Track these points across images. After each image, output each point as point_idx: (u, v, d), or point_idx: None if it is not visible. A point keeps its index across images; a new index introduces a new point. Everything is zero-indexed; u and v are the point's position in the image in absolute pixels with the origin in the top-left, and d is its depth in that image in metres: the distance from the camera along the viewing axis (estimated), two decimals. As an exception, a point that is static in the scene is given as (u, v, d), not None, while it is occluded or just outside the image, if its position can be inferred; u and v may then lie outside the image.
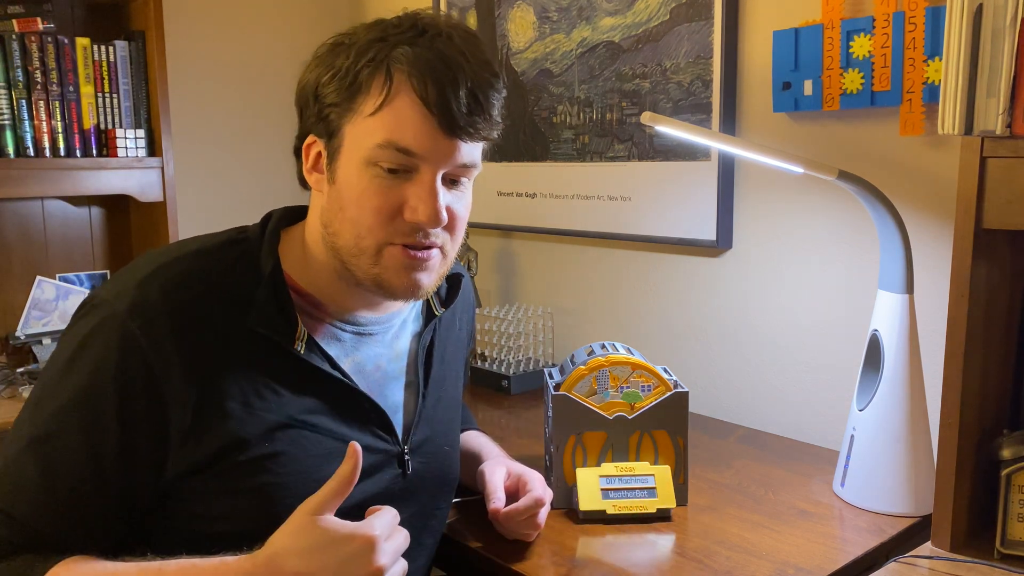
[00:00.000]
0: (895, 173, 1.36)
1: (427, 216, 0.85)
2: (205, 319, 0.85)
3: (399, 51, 0.83)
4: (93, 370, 0.82)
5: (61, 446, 0.81)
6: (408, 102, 0.83)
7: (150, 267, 0.86)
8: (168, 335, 0.82)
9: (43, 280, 2.03)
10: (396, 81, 0.83)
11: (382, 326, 0.99)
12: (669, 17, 1.64)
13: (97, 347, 0.82)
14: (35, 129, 1.87)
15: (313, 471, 0.89)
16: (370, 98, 0.84)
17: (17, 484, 0.81)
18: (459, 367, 1.14)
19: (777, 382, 1.57)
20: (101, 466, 0.81)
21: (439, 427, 1.05)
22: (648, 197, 1.73)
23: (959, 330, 1.00)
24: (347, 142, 0.86)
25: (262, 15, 2.37)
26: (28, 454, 0.81)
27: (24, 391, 1.72)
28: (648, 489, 1.16)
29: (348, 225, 0.87)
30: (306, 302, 0.93)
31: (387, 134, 0.83)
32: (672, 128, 1.15)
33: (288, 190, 1.00)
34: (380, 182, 0.85)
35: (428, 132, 0.83)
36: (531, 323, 1.91)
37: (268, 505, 0.86)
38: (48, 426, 0.81)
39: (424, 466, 1.00)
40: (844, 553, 1.06)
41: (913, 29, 1.27)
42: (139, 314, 0.82)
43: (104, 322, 0.83)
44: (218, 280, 0.87)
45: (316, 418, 0.90)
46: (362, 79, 0.84)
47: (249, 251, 0.91)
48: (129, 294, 0.84)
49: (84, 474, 0.81)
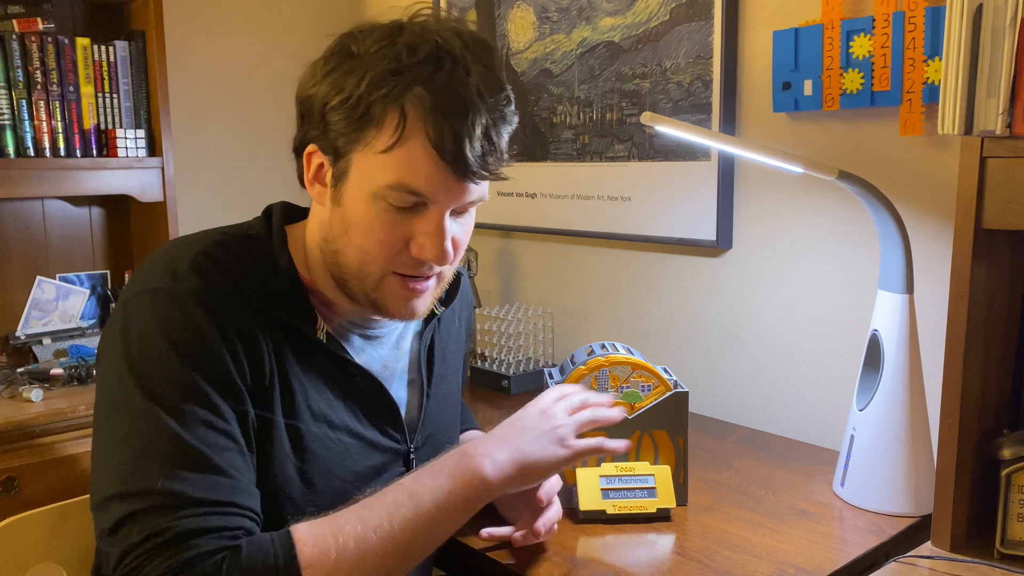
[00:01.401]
0: (895, 173, 1.36)
1: (434, 255, 0.86)
2: (240, 306, 0.84)
3: (415, 92, 0.80)
4: (187, 332, 0.80)
5: (204, 416, 0.78)
6: (421, 147, 0.81)
7: (188, 253, 0.85)
8: (241, 303, 0.83)
9: (43, 280, 2.03)
10: (410, 123, 0.81)
11: (387, 329, 1.00)
12: (669, 17, 1.64)
13: (174, 317, 0.80)
14: (35, 129, 1.87)
15: (335, 469, 0.90)
16: (382, 135, 0.82)
17: (192, 466, 0.77)
18: (459, 364, 1.15)
19: (777, 382, 1.57)
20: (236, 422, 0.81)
21: (442, 424, 1.06)
22: (648, 197, 1.73)
23: (959, 330, 1.00)
24: (355, 171, 0.84)
25: (262, 15, 2.37)
26: (177, 436, 0.77)
27: (24, 391, 1.72)
28: (648, 489, 1.16)
29: (353, 250, 0.87)
30: (318, 300, 0.93)
31: (398, 176, 0.82)
32: (672, 128, 1.15)
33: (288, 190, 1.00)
34: (388, 216, 0.84)
35: (440, 178, 0.83)
36: (531, 323, 1.91)
37: (293, 505, 0.87)
38: (181, 403, 0.78)
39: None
40: (844, 553, 1.06)
41: (913, 29, 1.27)
42: (208, 286, 0.82)
43: (172, 298, 0.81)
44: (241, 271, 0.86)
45: (333, 414, 0.91)
46: (375, 112, 0.81)
47: (262, 245, 0.90)
48: (189, 275, 0.82)
49: (232, 434, 0.80)
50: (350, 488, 0.91)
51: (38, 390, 1.73)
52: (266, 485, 0.84)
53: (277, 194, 1.07)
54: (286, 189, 1.00)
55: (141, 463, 0.75)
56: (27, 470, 1.63)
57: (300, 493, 0.87)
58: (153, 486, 0.74)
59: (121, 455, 0.77)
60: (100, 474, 0.78)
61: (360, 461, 0.93)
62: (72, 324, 2.04)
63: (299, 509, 0.86)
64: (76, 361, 1.90)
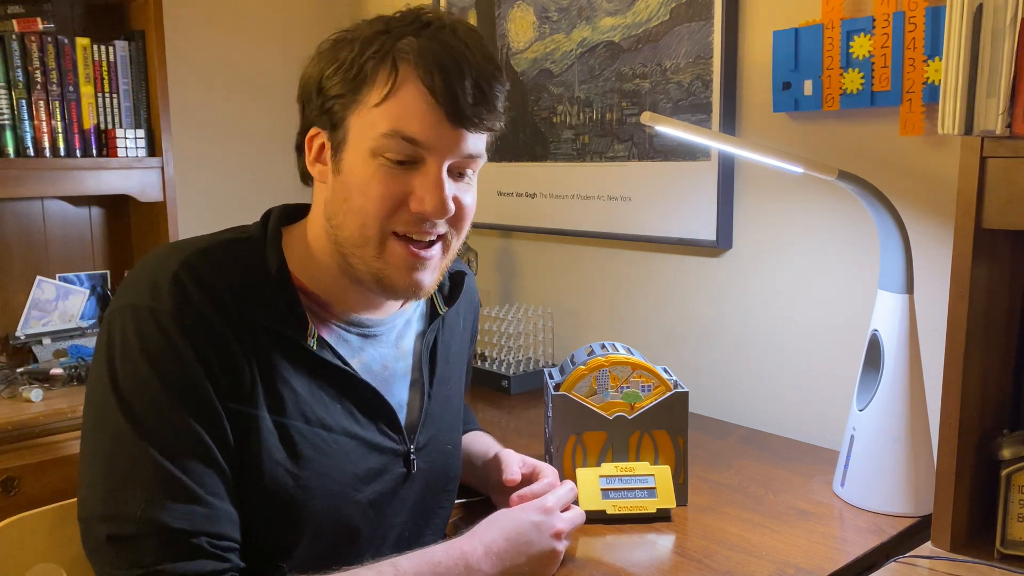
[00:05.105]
0: (895, 173, 1.36)
1: (433, 206, 0.85)
2: (218, 320, 0.83)
3: (404, 42, 0.84)
4: (165, 353, 0.80)
5: (185, 442, 0.79)
6: (414, 91, 0.83)
7: (170, 265, 0.84)
8: (215, 319, 0.83)
9: (43, 280, 2.03)
10: (401, 71, 0.83)
11: (386, 327, 0.99)
12: (669, 17, 1.64)
13: (154, 336, 0.81)
14: (35, 129, 1.87)
15: (331, 472, 0.89)
16: (375, 89, 0.84)
17: (172, 496, 0.78)
18: (463, 366, 1.14)
19: (777, 382, 1.57)
20: (216, 446, 0.81)
21: (444, 426, 1.05)
22: (648, 197, 1.73)
23: (959, 330, 1.00)
24: (352, 133, 0.86)
25: (262, 15, 2.37)
26: (158, 463, 0.78)
27: (24, 391, 1.72)
28: (648, 489, 1.16)
29: (353, 215, 0.87)
30: (312, 301, 0.92)
31: (393, 123, 0.83)
32: (672, 128, 1.15)
33: (288, 189, 1.00)
34: (386, 171, 0.85)
35: (434, 122, 0.83)
36: (531, 323, 1.91)
37: (290, 510, 0.86)
38: (163, 430, 0.79)
39: (428, 465, 1.01)
40: (844, 553, 1.06)
41: (913, 29, 1.27)
42: (185, 304, 0.82)
43: (154, 318, 0.81)
44: (229, 278, 0.86)
45: (329, 417, 0.90)
46: (367, 70, 0.84)
47: (254, 249, 0.90)
48: (168, 292, 0.82)
49: (214, 459, 0.81)
50: (349, 490, 0.91)
51: (38, 390, 1.73)
52: (259, 492, 0.84)
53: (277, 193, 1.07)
54: (286, 189, 1.00)
55: (122, 487, 0.78)
56: (27, 470, 1.63)
57: (297, 497, 0.86)
58: (134, 513, 0.76)
59: (104, 474, 0.79)
60: (84, 488, 0.80)
61: (359, 463, 0.92)
62: (72, 324, 2.04)
63: (297, 514, 0.86)
64: (76, 361, 1.90)
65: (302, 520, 0.87)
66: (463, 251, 1.97)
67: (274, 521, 0.86)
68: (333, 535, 0.89)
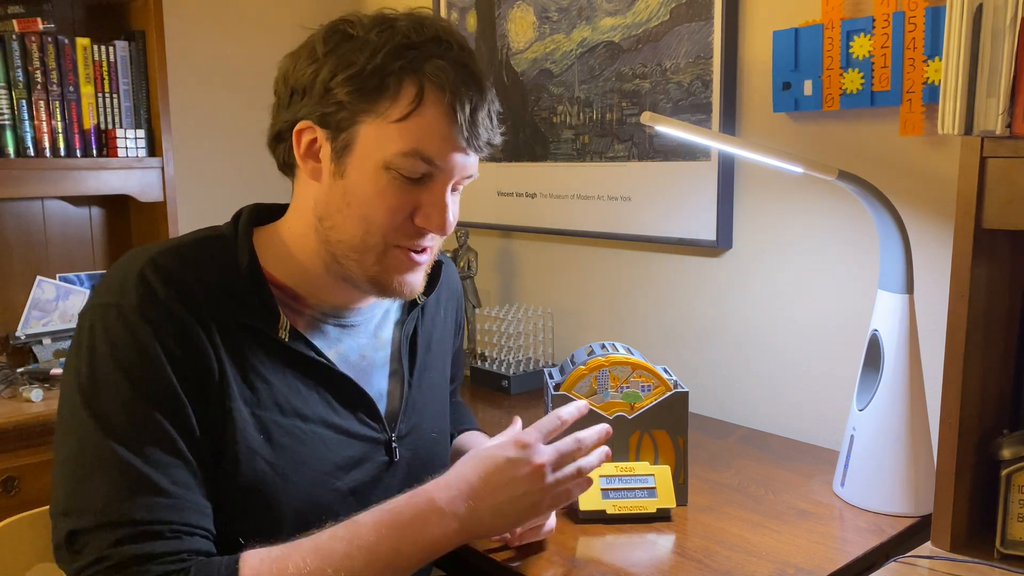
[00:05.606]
0: (895, 173, 1.36)
1: (438, 225, 0.89)
2: (183, 314, 0.84)
3: (435, 63, 0.85)
4: (131, 349, 0.81)
5: (149, 436, 0.80)
6: (439, 115, 0.85)
7: (139, 263, 0.85)
8: (180, 312, 0.83)
9: (43, 280, 2.03)
10: (427, 92, 0.85)
11: (363, 317, 1.00)
12: (669, 17, 1.64)
13: (120, 333, 0.81)
14: (35, 129, 1.87)
15: (310, 460, 0.90)
16: (397, 104, 0.85)
17: (135, 489, 0.79)
18: (446, 355, 1.14)
19: (777, 382, 1.57)
20: (185, 440, 0.82)
21: (426, 414, 1.06)
22: (648, 197, 1.73)
23: (959, 330, 1.00)
24: (362, 141, 0.86)
25: (262, 15, 2.37)
26: (121, 457, 0.79)
27: (24, 391, 1.72)
28: (648, 489, 1.16)
29: (355, 222, 0.88)
30: (285, 295, 0.93)
31: (414, 143, 0.85)
32: (672, 128, 1.15)
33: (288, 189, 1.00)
34: (398, 185, 0.87)
35: (454, 146, 0.87)
36: (531, 323, 1.91)
37: (269, 499, 0.87)
38: (127, 425, 0.79)
39: (412, 454, 1.01)
40: (844, 553, 1.06)
41: (913, 29, 1.27)
42: (150, 298, 0.82)
43: (119, 314, 0.82)
44: (199, 274, 0.87)
45: (305, 407, 0.91)
46: (389, 83, 0.85)
47: (225, 246, 0.91)
48: (134, 288, 0.83)
49: (180, 451, 0.81)
50: (328, 478, 0.91)
51: (38, 390, 1.73)
52: (238, 482, 0.85)
53: (277, 193, 1.07)
54: (286, 189, 1.00)
55: (86, 483, 0.78)
56: (27, 470, 1.63)
57: (275, 486, 0.87)
58: (96, 506, 0.77)
59: (71, 471, 0.79)
60: (55, 488, 0.81)
61: (337, 451, 0.93)
62: (72, 324, 2.04)
63: (277, 501, 0.87)
64: (76, 361, 1.90)
65: (281, 507, 0.87)
66: (463, 252, 1.98)
67: (254, 510, 0.86)
68: (313, 523, 0.89)
